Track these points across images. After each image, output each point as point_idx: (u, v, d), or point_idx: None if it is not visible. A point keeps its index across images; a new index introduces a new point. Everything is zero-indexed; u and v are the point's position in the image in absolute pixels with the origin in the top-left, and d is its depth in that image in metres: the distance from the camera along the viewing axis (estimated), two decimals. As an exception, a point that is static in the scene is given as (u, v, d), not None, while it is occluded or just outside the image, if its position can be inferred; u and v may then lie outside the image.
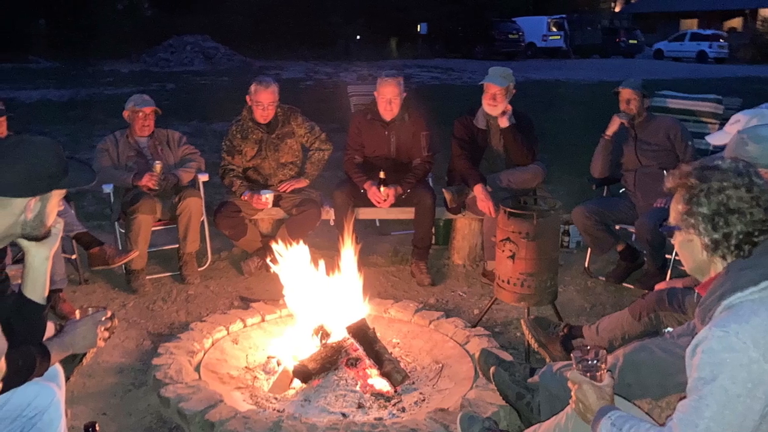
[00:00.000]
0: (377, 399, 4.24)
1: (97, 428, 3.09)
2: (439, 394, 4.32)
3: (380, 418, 4.00)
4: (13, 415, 2.85)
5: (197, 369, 4.59)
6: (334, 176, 7.82)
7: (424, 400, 4.27)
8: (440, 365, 4.67)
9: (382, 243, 7.36)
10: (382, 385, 4.32)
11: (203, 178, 6.66)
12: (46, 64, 30.97)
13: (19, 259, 3.83)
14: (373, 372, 4.40)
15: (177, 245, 6.44)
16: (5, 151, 2.63)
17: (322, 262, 5.01)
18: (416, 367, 4.70)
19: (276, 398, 4.30)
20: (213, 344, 4.94)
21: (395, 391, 4.29)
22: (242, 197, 6.40)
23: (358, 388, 4.34)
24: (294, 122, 6.63)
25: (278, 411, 4.11)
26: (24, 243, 2.78)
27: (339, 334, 4.65)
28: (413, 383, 4.47)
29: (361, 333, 4.49)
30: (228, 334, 5.09)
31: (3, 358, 1.90)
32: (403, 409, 4.15)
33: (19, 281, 2.85)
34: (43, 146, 2.70)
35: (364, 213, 6.53)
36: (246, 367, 4.71)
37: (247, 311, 5.41)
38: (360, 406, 4.17)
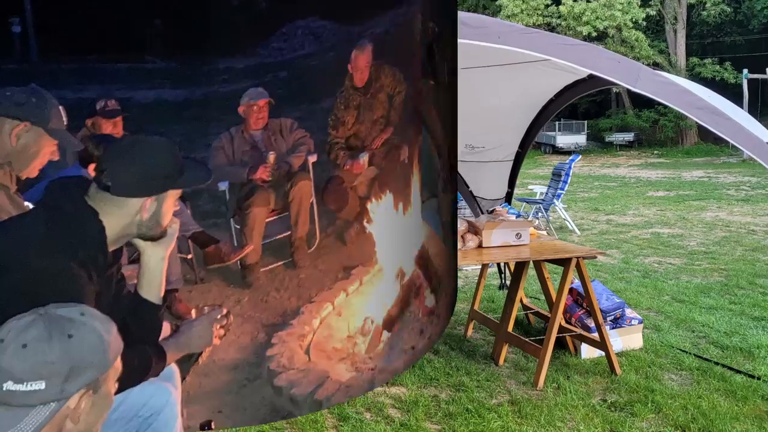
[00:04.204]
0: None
1: (213, 426, 3.15)
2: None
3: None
4: (128, 415, 2.91)
5: (307, 351, 4.68)
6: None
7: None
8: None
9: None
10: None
11: (312, 159, 6.79)
12: (162, 64, 31.70)
13: (135, 259, 4.02)
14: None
15: (289, 232, 6.61)
16: (121, 151, 2.63)
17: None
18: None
19: (370, 357, 4.40)
20: (321, 322, 4.99)
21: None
22: (344, 168, 6.52)
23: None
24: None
25: (371, 369, 4.23)
26: (140, 243, 2.77)
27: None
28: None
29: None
30: (333, 308, 5.12)
31: (119, 358, 2.03)
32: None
33: (135, 281, 2.87)
34: (159, 146, 2.68)
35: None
36: (348, 336, 4.79)
37: (347, 280, 5.40)
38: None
